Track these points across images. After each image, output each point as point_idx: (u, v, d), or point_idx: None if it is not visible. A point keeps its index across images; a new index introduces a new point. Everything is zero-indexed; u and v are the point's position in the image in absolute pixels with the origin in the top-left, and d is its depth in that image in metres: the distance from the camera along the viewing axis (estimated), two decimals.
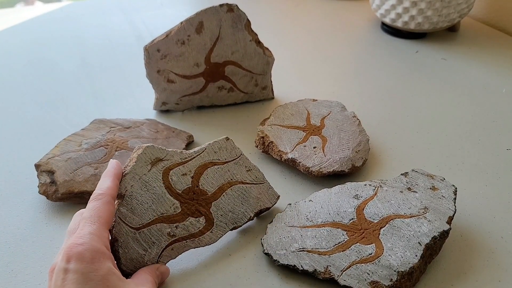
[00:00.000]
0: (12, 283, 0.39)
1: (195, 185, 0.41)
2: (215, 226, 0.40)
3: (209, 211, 0.40)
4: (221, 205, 0.41)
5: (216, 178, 0.42)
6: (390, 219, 0.40)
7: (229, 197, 0.42)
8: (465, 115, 0.61)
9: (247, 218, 0.42)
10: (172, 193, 0.39)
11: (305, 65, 0.76)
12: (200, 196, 0.40)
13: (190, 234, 0.39)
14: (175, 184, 0.40)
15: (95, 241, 0.31)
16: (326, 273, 0.36)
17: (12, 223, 0.45)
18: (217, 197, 0.41)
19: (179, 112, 0.62)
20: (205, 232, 0.40)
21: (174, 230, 0.38)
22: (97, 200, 0.34)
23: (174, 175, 0.40)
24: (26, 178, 0.50)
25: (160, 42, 0.55)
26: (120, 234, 0.36)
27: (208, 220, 0.40)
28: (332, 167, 0.47)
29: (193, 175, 0.41)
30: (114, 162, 0.38)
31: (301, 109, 0.56)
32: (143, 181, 0.38)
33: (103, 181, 0.36)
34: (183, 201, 0.40)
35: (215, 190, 0.41)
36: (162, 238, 0.38)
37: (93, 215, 0.33)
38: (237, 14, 0.56)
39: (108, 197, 0.35)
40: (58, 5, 1.05)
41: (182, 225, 0.39)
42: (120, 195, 0.37)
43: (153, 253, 0.37)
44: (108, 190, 0.35)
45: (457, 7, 0.75)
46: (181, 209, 0.39)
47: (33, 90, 0.69)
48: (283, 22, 0.94)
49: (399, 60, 0.76)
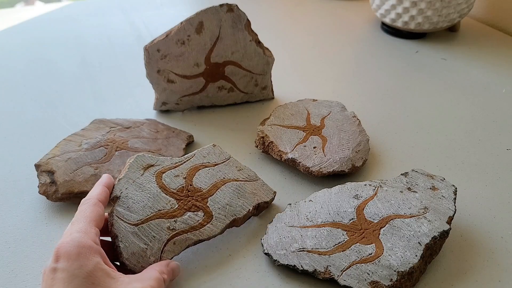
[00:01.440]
0: (12, 283, 0.39)
1: (188, 184, 0.42)
2: (215, 219, 0.40)
3: (206, 205, 0.41)
4: (217, 199, 0.42)
5: (209, 177, 0.43)
6: (390, 219, 0.40)
7: (224, 192, 0.42)
8: (465, 115, 0.61)
9: (246, 211, 0.42)
10: (167, 192, 0.40)
11: (305, 65, 0.76)
12: (195, 193, 0.41)
13: (190, 227, 0.39)
14: (169, 184, 0.41)
15: (81, 237, 0.32)
16: (326, 273, 0.36)
17: (12, 223, 0.45)
18: (212, 193, 0.42)
19: (179, 112, 0.62)
20: (205, 224, 0.40)
21: (173, 224, 0.39)
22: (83, 204, 0.36)
23: (166, 177, 0.41)
24: (26, 178, 0.50)
25: (160, 42, 0.55)
26: (119, 230, 0.37)
27: (206, 213, 0.40)
28: (332, 167, 0.47)
29: (186, 176, 0.42)
30: (105, 175, 0.40)
31: (301, 109, 0.56)
32: (137, 183, 0.40)
33: (92, 189, 0.38)
34: (179, 198, 0.40)
35: (209, 187, 0.42)
36: (162, 232, 0.38)
37: (79, 216, 0.34)
38: (237, 14, 0.56)
39: (94, 200, 0.36)
40: (58, 5, 1.05)
41: (180, 219, 0.39)
42: (115, 197, 0.39)
43: (155, 247, 0.37)
44: (95, 195, 0.37)
45: (457, 7, 0.75)
46: (177, 205, 0.40)
47: (33, 90, 0.69)
48: (283, 22, 0.94)
49: (399, 60, 0.76)
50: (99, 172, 0.47)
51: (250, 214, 0.43)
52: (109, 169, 0.48)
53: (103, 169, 0.48)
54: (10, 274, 0.40)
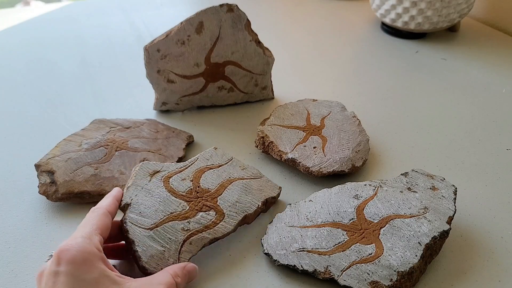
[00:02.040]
0: (12, 283, 0.39)
1: (196, 185, 0.42)
2: (227, 216, 0.41)
3: (216, 205, 0.41)
4: (226, 198, 0.42)
5: (215, 178, 0.44)
6: (390, 219, 0.40)
7: (232, 191, 0.43)
8: (465, 115, 0.61)
9: (256, 207, 0.43)
10: (176, 195, 0.41)
11: (305, 65, 0.76)
12: (204, 194, 0.42)
13: (204, 226, 0.39)
14: (177, 188, 0.42)
15: (86, 243, 0.31)
16: (326, 273, 0.36)
17: (12, 223, 0.45)
18: (221, 193, 0.43)
19: (179, 112, 0.62)
20: (218, 222, 0.40)
21: (187, 225, 0.39)
22: (92, 212, 0.36)
23: (174, 181, 0.42)
24: (26, 178, 0.50)
25: (160, 42, 0.55)
26: (135, 236, 0.37)
27: (218, 212, 0.41)
28: (332, 167, 0.47)
29: (192, 178, 0.43)
30: (116, 188, 0.40)
31: (301, 109, 0.56)
32: (146, 189, 0.41)
33: (102, 200, 0.38)
34: (189, 200, 0.41)
35: (217, 187, 0.43)
36: (177, 234, 0.38)
37: (86, 223, 0.34)
38: (237, 14, 0.56)
39: (103, 209, 0.36)
40: (58, 5, 1.05)
41: (193, 219, 0.39)
42: (126, 204, 0.39)
43: (172, 249, 0.38)
44: (105, 205, 0.36)
45: (457, 7, 0.75)
46: (188, 206, 0.40)
47: (33, 90, 0.69)
48: (283, 22, 0.94)
49: (399, 60, 0.76)
50: (99, 172, 0.47)
51: (260, 210, 0.43)
52: (109, 169, 0.48)
53: (103, 169, 0.48)
54: (10, 274, 0.40)
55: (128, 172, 0.48)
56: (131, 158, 0.49)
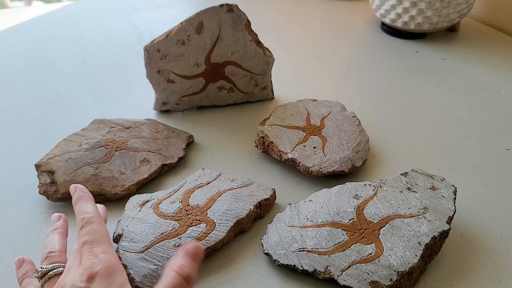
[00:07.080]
0: (12, 283, 0.39)
1: (185, 204, 0.43)
2: (218, 225, 0.41)
3: (206, 217, 0.41)
4: (216, 209, 0.42)
5: (204, 194, 0.44)
6: (390, 219, 0.40)
7: (222, 202, 0.43)
8: (465, 115, 0.61)
9: (247, 211, 0.42)
10: (166, 217, 0.41)
11: (305, 65, 0.76)
12: (194, 210, 0.42)
13: (195, 239, 0.40)
14: (166, 211, 0.42)
15: (109, 258, 0.33)
16: (326, 273, 0.36)
17: (12, 223, 0.45)
18: (210, 206, 0.43)
19: (179, 112, 0.62)
20: (209, 232, 0.40)
21: (178, 241, 0.39)
22: (91, 223, 0.35)
23: (163, 206, 0.43)
24: (26, 178, 0.50)
25: (160, 42, 0.55)
26: (127, 261, 0.38)
27: (208, 223, 0.41)
28: (332, 167, 0.47)
29: (181, 200, 0.43)
30: None
31: (301, 109, 0.56)
32: (136, 219, 0.42)
33: (83, 206, 0.37)
34: (179, 218, 0.41)
35: (206, 202, 0.43)
36: (169, 251, 0.38)
37: (96, 237, 0.34)
38: (237, 14, 0.56)
39: (98, 218, 0.36)
40: (58, 5, 1.05)
41: (184, 235, 0.40)
42: (118, 235, 0.40)
43: (165, 265, 0.37)
44: (94, 212, 0.36)
45: (457, 7, 0.75)
46: (178, 224, 0.41)
47: (33, 90, 0.69)
48: (283, 22, 0.94)
49: (399, 60, 0.76)
50: (99, 172, 0.47)
51: (254, 214, 0.43)
52: (109, 169, 0.48)
53: (103, 169, 0.48)
54: (10, 274, 0.40)
55: (128, 172, 0.48)
56: (131, 158, 0.49)
